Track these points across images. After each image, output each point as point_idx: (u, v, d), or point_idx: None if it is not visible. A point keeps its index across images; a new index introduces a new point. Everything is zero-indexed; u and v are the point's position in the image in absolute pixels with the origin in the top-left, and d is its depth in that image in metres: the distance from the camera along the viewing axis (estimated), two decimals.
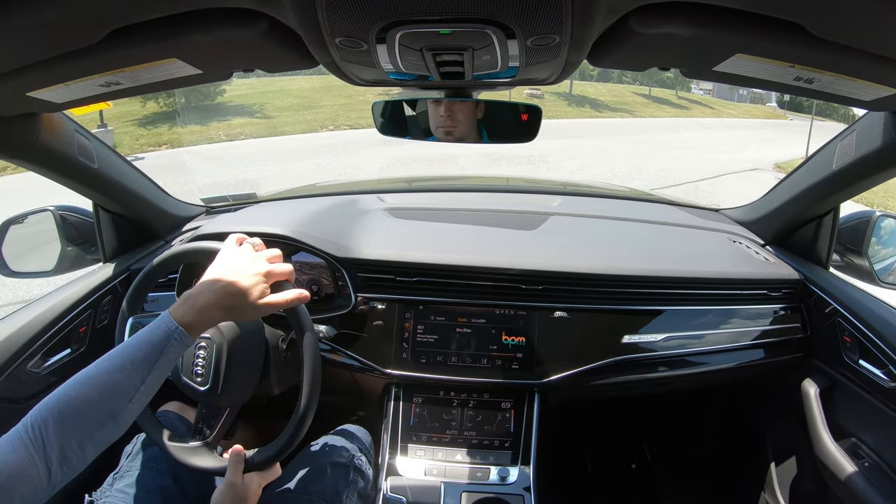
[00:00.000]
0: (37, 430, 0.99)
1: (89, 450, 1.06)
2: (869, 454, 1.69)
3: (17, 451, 0.97)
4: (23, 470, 0.95)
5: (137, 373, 1.11)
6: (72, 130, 1.68)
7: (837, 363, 1.83)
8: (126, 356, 1.13)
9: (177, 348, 1.17)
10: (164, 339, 1.15)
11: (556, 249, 1.97)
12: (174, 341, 1.16)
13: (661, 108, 43.26)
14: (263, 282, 1.28)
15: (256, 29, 0.95)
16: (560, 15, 0.83)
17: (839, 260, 2.02)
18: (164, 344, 1.15)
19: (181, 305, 1.20)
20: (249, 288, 1.25)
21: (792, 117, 51.37)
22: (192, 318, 1.19)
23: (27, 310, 1.77)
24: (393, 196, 2.60)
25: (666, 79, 48.59)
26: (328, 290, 1.96)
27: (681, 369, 1.89)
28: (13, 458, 0.96)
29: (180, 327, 1.16)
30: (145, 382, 1.12)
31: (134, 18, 0.89)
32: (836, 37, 0.86)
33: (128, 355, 1.13)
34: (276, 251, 1.37)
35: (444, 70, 1.10)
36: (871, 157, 1.55)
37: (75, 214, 2.07)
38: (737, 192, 12.52)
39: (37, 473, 0.97)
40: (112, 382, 1.09)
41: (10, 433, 1.00)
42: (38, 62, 1.02)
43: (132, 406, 1.11)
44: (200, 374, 1.45)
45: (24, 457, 0.97)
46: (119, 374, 1.10)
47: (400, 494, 1.67)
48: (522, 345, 1.83)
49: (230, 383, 1.47)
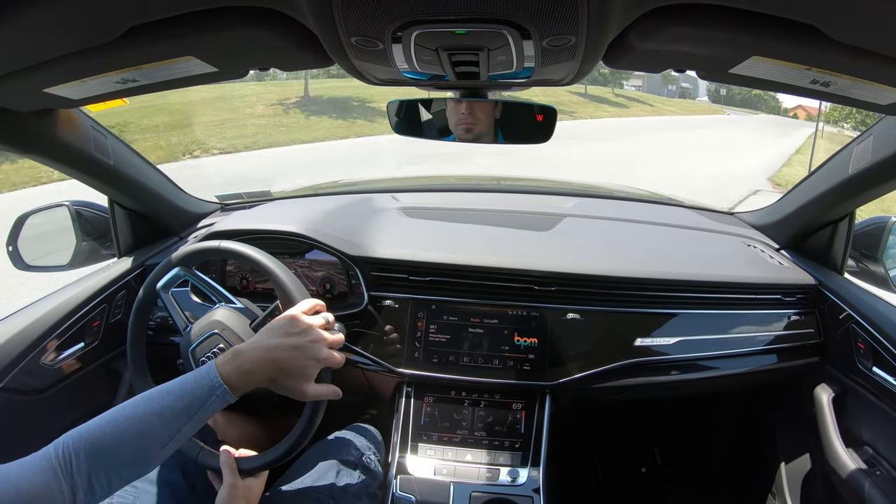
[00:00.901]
0: (67, 458, 1.01)
1: (115, 484, 1.07)
2: (881, 462, 1.68)
3: (45, 473, 0.98)
4: (48, 492, 0.97)
5: (175, 422, 1.12)
6: (88, 126, 1.70)
7: (851, 370, 1.81)
8: (167, 403, 1.13)
9: (218, 404, 1.17)
10: (208, 394, 1.16)
11: (569, 251, 1.97)
12: (216, 398, 1.17)
13: (601, 108, 42.89)
14: (316, 367, 1.29)
15: (272, 28, 0.96)
16: (576, 16, 0.82)
17: (854, 266, 2.00)
18: (205, 399, 1.15)
19: (230, 362, 1.21)
20: (301, 371, 1.26)
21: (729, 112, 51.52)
22: (236, 379, 1.19)
23: (41, 303, 1.78)
24: (407, 195, 2.60)
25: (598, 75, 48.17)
26: (341, 288, 1.97)
27: (693, 373, 1.88)
28: (40, 480, 0.97)
29: (224, 385, 1.17)
30: (181, 432, 1.13)
31: (151, 16, 0.89)
32: (853, 39, 0.86)
33: (168, 403, 1.13)
34: (340, 336, 1.37)
35: (459, 70, 1.10)
36: (887, 162, 1.54)
37: (91, 210, 2.08)
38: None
39: (61, 498, 0.98)
40: (148, 427, 1.10)
41: (38, 454, 1.02)
42: (56, 58, 1.03)
43: (164, 452, 1.12)
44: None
45: (52, 480, 0.98)
46: (156, 420, 1.11)
47: (409, 493, 1.67)
48: (535, 346, 1.83)
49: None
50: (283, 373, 1.23)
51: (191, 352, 1.51)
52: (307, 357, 1.26)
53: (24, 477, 0.96)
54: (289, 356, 1.24)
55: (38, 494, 0.96)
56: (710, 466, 2.64)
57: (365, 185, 3.05)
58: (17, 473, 0.97)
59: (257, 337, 1.28)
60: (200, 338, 1.51)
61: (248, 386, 1.21)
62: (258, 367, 1.21)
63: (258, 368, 1.21)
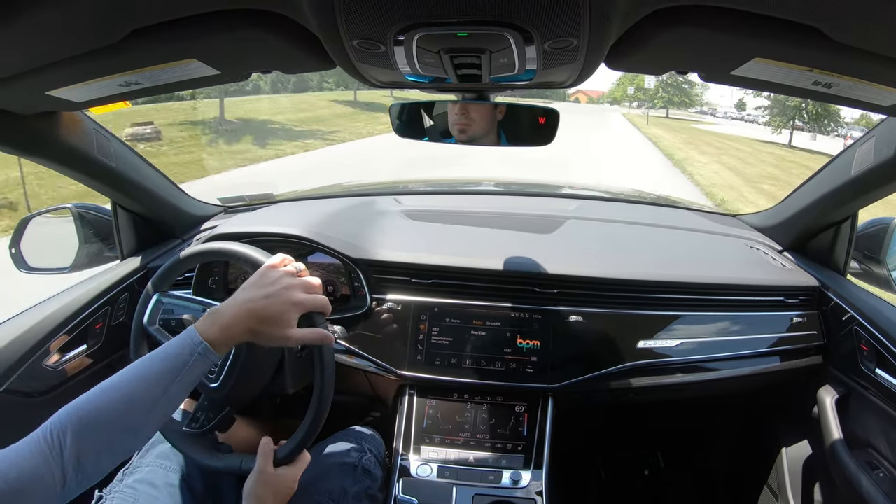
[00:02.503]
0: (55, 436, 1.00)
1: (106, 460, 1.06)
2: (884, 464, 1.67)
3: (34, 456, 0.98)
4: (38, 475, 0.96)
5: (159, 384, 1.11)
6: (91, 129, 1.70)
7: (854, 372, 1.81)
8: (149, 368, 1.13)
9: (200, 363, 1.16)
10: (188, 354, 1.15)
11: (572, 253, 1.97)
12: (198, 356, 1.15)
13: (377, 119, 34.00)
14: (295, 312, 1.28)
15: (274, 31, 0.96)
16: (578, 18, 0.82)
17: (857, 267, 2.00)
18: (187, 358, 1.15)
19: (206, 320, 1.20)
20: (279, 317, 1.24)
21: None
22: (216, 334, 1.19)
23: (43, 306, 1.78)
24: (410, 198, 2.60)
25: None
26: (343, 291, 1.97)
27: (696, 375, 1.88)
28: (29, 465, 0.96)
29: (205, 342, 1.16)
30: (166, 395, 1.11)
31: (153, 19, 0.90)
32: (856, 41, 0.86)
33: (150, 367, 1.13)
34: (317, 280, 1.36)
35: (461, 73, 1.10)
36: (889, 163, 1.54)
37: (94, 212, 2.09)
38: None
39: (52, 479, 0.97)
40: (132, 393, 1.09)
41: (29, 437, 1.01)
42: (58, 61, 1.03)
43: (151, 419, 1.11)
44: (213, 370, 1.46)
45: (41, 462, 0.97)
46: (141, 384, 1.10)
47: (412, 495, 1.67)
48: (537, 348, 1.83)
49: (239, 385, 1.49)
50: (262, 322, 1.23)
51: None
52: (282, 303, 1.25)
53: (12, 463, 0.95)
54: (264, 304, 1.23)
55: (30, 477, 0.95)
56: (712, 468, 2.64)
57: (368, 188, 3.05)
58: (5, 459, 0.96)
59: (233, 296, 1.27)
60: None
61: (229, 340, 1.21)
62: (236, 320, 1.21)
63: (236, 322, 1.21)
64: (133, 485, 1.51)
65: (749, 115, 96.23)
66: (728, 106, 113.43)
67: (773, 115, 43.49)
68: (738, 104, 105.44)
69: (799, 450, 2.08)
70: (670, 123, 56.44)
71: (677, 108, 75.32)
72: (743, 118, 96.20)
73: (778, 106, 41.62)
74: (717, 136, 43.66)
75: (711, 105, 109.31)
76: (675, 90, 65.05)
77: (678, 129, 46.95)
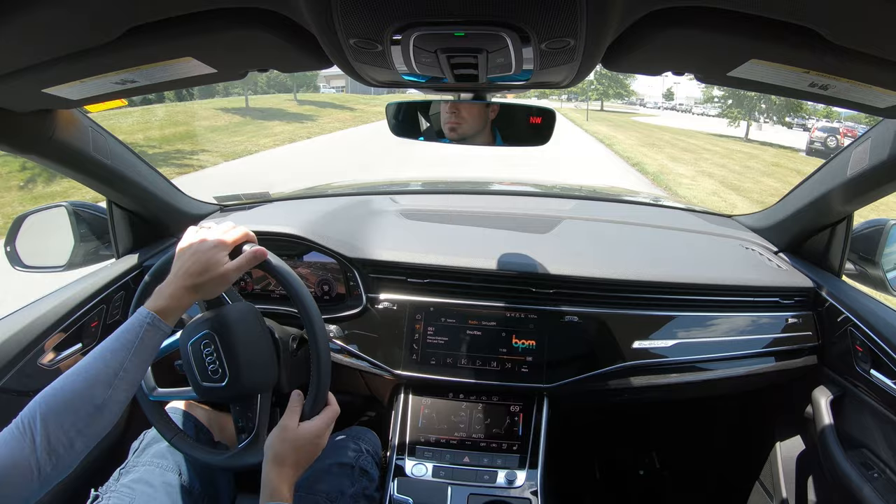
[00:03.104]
0: (27, 423, 1.04)
1: (78, 443, 1.09)
2: (879, 465, 1.68)
3: (9, 444, 1.01)
4: (14, 463, 0.99)
5: (116, 360, 1.17)
6: (87, 127, 1.70)
7: (849, 373, 1.82)
8: (106, 347, 1.19)
9: (152, 334, 1.23)
10: (139, 326, 1.22)
11: (567, 254, 1.97)
12: (148, 326, 1.22)
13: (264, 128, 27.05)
14: (221, 251, 1.34)
15: (271, 29, 0.96)
16: (575, 19, 0.82)
17: (852, 269, 2.00)
18: (138, 330, 1.21)
19: (153, 296, 1.28)
20: (207, 262, 1.32)
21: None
22: (162, 303, 1.26)
23: (39, 304, 1.78)
24: (406, 197, 2.61)
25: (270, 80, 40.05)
26: (339, 290, 1.97)
27: (691, 376, 1.88)
28: (5, 452, 0.99)
29: (151, 313, 1.23)
30: (124, 369, 1.17)
31: (150, 17, 0.89)
32: (852, 43, 0.86)
33: (107, 346, 1.19)
34: (230, 223, 1.42)
35: (458, 72, 1.10)
36: (885, 165, 1.54)
37: (89, 210, 2.09)
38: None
39: (28, 466, 1.00)
40: (93, 371, 1.15)
41: (7, 427, 1.04)
42: (55, 59, 1.03)
43: (114, 394, 1.16)
44: (216, 370, 1.45)
45: (16, 450, 1.00)
46: (98, 363, 1.16)
47: (407, 495, 1.67)
48: (532, 348, 1.83)
49: (248, 367, 1.47)
50: (197, 274, 1.30)
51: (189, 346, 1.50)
52: (206, 250, 1.33)
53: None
54: (193, 260, 1.32)
55: (6, 466, 0.98)
56: (708, 469, 2.65)
57: (364, 188, 3.05)
58: None
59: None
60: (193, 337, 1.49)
61: (178, 305, 1.29)
62: (176, 286, 1.29)
63: (176, 287, 1.29)
64: (130, 484, 1.51)
65: (681, 105, 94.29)
66: (656, 96, 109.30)
67: (728, 106, 40.92)
68: (665, 94, 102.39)
69: (794, 450, 2.09)
70: (611, 118, 51.58)
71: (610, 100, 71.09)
72: (675, 108, 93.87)
73: (734, 97, 39.25)
74: (671, 132, 38.85)
75: (639, 95, 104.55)
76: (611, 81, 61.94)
77: (624, 125, 41.97)
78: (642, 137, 32.00)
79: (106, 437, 1.27)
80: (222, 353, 1.44)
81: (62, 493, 1.73)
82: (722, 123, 42.76)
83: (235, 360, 1.45)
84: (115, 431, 1.97)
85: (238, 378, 1.45)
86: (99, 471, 1.69)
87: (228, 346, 1.45)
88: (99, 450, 1.86)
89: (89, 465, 1.83)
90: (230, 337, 1.46)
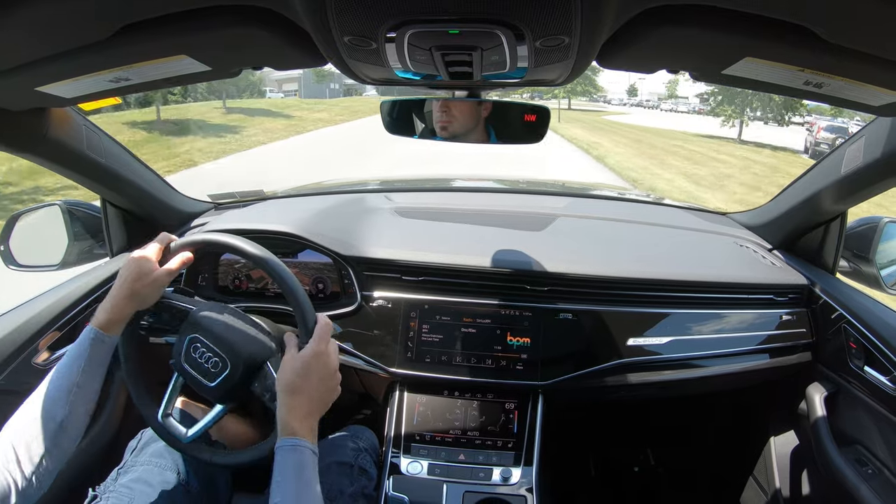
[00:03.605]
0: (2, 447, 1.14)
1: (47, 461, 1.19)
2: (873, 461, 1.69)
3: None
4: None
5: (68, 378, 1.27)
6: (80, 125, 1.69)
7: (843, 369, 1.82)
8: (58, 367, 1.29)
9: (98, 347, 1.32)
10: (85, 343, 1.31)
11: (562, 251, 1.98)
12: (92, 341, 1.31)
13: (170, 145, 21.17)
14: (147, 263, 1.42)
15: (266, 27, 0.95)
16: (569, 16, 0.82)
17: (846, 266, 2.01)
18: (84, 347, 1.30)
19: (96, 312, 1.37)
20: (139, 270, 1.40)
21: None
22: (103, 316, 1.35)
23: (32, 303, 1.78)
24: (400, 195, 2.61)
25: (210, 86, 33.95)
26: (334, 288, 1.97)
27: (685, 373, 1.88)
28: None
29: (94, 328, 1.33)
30: (77, 385, 1.27)
31: (144, 15, 0.89)
32: (847, 41, 0.86)
33: (60, 366, 1.29)
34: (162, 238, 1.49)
35: (452, 70, 1.10)
36: (879, 163, 1.55)
37: (83, 209, 2.08)
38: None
39: (5, 495, 1.08)
40: (50, 392, 1.24)
41: None
42: (48, 57, 1.02)
43: (73, 409, 1.25)
44: (216, 363, 1.44)
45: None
46: (54, 384, 1.25)
47: (403, 493, 1.67)
48: (527, 346, 1.83)
49: (240, 342, 1.47)
50: (131, 281, 1.38)
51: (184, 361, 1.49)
52: (136, 259, 1.41)
53: None
54: (126, 273, 1.39)
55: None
56: (702, 465, 2.65)
57: (358, 185, 3.05)
58: None
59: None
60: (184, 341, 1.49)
61: (116, 315, 1.36)
62: (116, 298, 1.36)
63: (116, 300, 1.36)
64: (128, 484, 1.50)
65: (647, 101, 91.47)
66: (620, 92, 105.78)
67: (718, 103, 36.51)
68: (629, 90, 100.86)
69: (788, 446, 2.10)
70: (582, 118, 46.77)
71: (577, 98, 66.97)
72: (641, 104, 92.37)
73: (724, 92, 35.14)
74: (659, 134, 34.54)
75: (603, 92, 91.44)
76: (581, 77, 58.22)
77: (601, 127, 37.72)
78: (631, 143, 27.84)
79: (102, 436, 1.28)
80: (211, 344, 1.44)
81: (60, 493, 1.72)
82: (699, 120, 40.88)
83: (226, 343, 1.45)
84: (111, 431, 1.97)
85: (238, 355, 1.44)
86: (96, 470, 1.69)
87: (213, 335, 1.46)
88: (95, 449, 1.86)
89: (86, 464, 1.83)
90: (211, 326, 1.47)
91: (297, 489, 1.15)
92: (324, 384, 1.30)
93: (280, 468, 1.18)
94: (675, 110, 68.65)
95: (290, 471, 1.17)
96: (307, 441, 1.21)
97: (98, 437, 1.89)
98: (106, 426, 1.94)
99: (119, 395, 2.00)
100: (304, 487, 1.16)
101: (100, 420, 1.91)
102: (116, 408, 2.00)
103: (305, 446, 1.20)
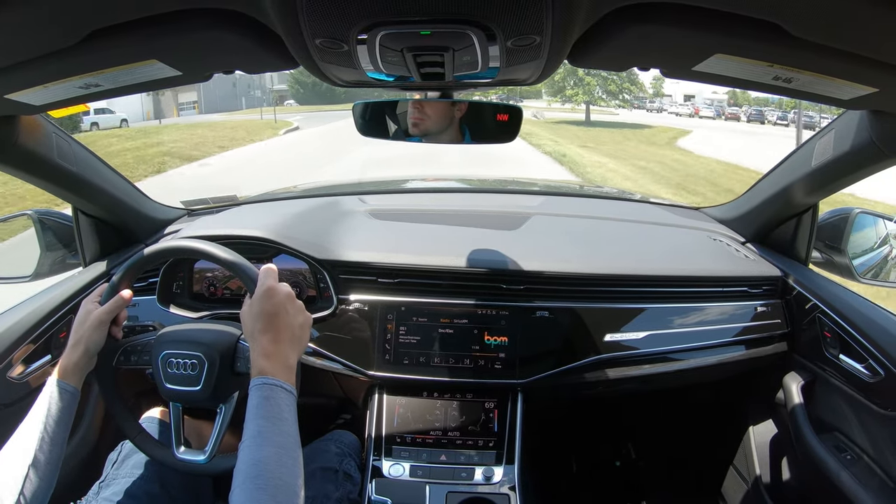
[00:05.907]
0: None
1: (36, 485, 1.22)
2: (852, 448, 1.71)
3: None
4: None
5: (36, 427, 1.27)
6: (51, 133, 1.67)
7: (818, 358, 1.85)
8: (28, 417, 1.29)
9: (57, 396, 1.32)
10: (48, 393, 1.31)
11: (537, 249, 1.99)
12: (51, 394, 1.31)
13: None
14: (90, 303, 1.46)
15: (237, 30, 0.95)
16: (540, 16, 0.83)
17: (819, 257, 2.04)
18: (46, 401, 1.30)
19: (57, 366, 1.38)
20: (84, 315, 1.43)
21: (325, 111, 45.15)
22: (60, 370, 1.35)
23: (5, 316, 1.75)
24: (374, 197, 2.60)
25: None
26: (310, 292, 1.96)
27: (663, 366, 1.90)
28: None
29: (55, 378, 1.33)
30: (45, 432, 1.27)
31: (113, 19, 0.88)
32: (815, 36, 0.87)
33: (29, 416, 1.29)
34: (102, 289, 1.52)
35: (424, 71, 1.10)
36: (848, 156, 1.57)
37: (54, 218, 2.05)
38: None
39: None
40: (22, 439, 1.25)
41: None
42: (17, 64, 1.01)
43: (47, 457, 1.26)
44: (193, 364, 1.45)
45: None
46: (24, 433, 1.26)
47: (385, 496, 1.67)
48: (505, 344, 1.84)
49: (205, 333, 1.51)
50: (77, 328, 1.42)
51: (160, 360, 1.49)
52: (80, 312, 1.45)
53: None
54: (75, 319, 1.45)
55: None
56: (683, 456, 2.67)
57: (332, 189, 3.04)
58: None
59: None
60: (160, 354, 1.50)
61: (70, 362, 1.37)
62: (66, 348, 1.39)
63: (67, 346, 1.40)
64: (111, 497, 1.49)
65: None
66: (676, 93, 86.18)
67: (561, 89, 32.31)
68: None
69: (766, 435, 2.12)
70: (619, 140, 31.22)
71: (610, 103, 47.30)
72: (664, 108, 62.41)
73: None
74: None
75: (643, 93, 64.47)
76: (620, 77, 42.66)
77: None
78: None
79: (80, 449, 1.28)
80: (181, 350, 1.46)
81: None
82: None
83: (192, 341, 1.48)
84: (89, 444, 1.95)
85: (208, 346, 1.47)
86: (75, 484, 1.67)
87: (179, 341, 1.48)
88: (75, 462, 1.84)
89: (66, 478, 1.81)
90: (174, 336, 1.50)
91: (258, 426, 1.13)
92: (286, 316, 1.29)
93: (248, 408, 1.17)
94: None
95: (254, 408, 1.16)
96: (277, 379, 1.19)
97: (77, 450, 1.86)
98: (84, 439, 1.92)
99: (97, 407, 1.98)
100: (267, 424, 1.14)
101: (78, 433, 1.89)
102: (95, 420, 1.98)
103: (273, 383, 1.19)
